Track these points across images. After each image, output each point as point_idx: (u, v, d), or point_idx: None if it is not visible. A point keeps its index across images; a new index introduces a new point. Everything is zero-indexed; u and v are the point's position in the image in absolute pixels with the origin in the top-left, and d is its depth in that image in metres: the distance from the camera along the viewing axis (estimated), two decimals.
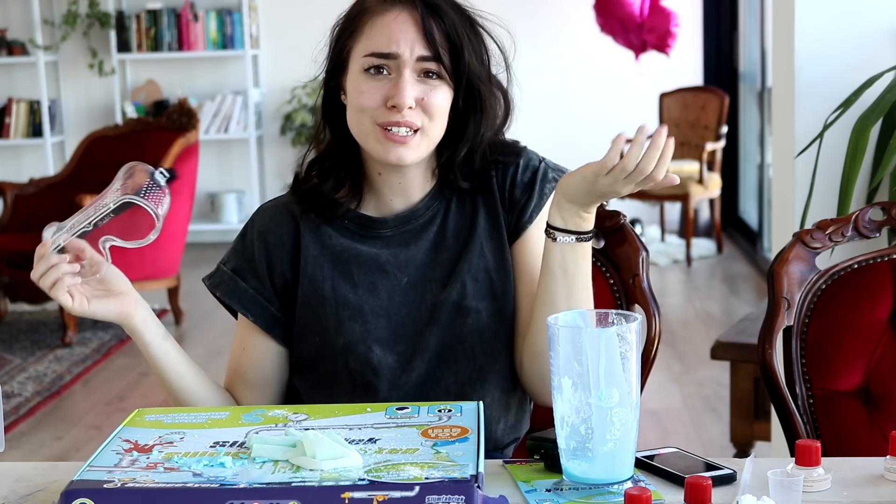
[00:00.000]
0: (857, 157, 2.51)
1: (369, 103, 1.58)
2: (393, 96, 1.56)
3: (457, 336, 1.63)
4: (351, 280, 1.65)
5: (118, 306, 1.59)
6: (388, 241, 1.67)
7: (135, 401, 4.53)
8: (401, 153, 1.59)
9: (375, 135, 1.59)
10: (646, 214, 7.74)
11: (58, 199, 5.87)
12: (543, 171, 1.68)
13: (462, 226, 1.68)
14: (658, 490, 1.35)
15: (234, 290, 1.69)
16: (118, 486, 1.24)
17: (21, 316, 6.02)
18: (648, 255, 1.84)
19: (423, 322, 1.64)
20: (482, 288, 1.64)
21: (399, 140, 1.58)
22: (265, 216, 1.71)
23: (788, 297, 1.80)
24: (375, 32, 1.58)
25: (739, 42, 7.67)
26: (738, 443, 3.36)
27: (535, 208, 1.67)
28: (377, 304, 1.64)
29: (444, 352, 1.63)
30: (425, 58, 1.57)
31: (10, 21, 7.72)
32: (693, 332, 5.40)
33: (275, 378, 1.71)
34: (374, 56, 1.58)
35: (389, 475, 1.25)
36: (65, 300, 1.53)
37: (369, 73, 1.58)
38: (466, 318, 1.63)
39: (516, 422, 1.70)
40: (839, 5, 2.76)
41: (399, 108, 1.56)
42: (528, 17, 7.57)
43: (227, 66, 7.85)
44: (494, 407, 1.65)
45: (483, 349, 1.64)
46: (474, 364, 1.64)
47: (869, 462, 1.45)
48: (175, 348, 1.66)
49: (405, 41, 1.57)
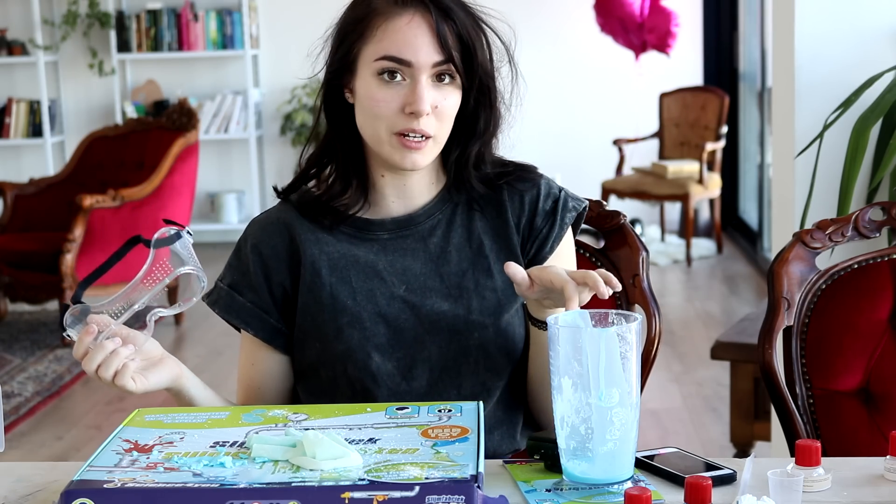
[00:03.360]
0: (857, 157, 2.51)
1: (386, 111, 1.57)
2: (411, 103, 1.56)
3: (462, 350, 1.62)
4: (349, 286, 1.64)
5: (168, 372, 1.56)
6: (384, 244, 1.66)
7: (135, 401, 4.48)
8: (416, 159, 1.59)
9: (391, 142, 1.59)
10: (646, 214, 7.74)
11: (58, 199, 5.87)
12: (564, 200, 1.68)
13: (466, 241, 1.67)
14: (658, 490, 1.35)
15: (231, 305, 1.69)
16: (118, 486, 1.24)
17: (21, 316, 6.02)
18: (648, 255, 1.85)
19: (423, 331, 1.63)
20: (489, 305, 1.64)
21: (415, 146, 1.58)
22: (257, 228, 1.70)
23: (788, 297, 1.80)
24: (388, 36, 1.56)
25: (739, 42, 7.67)
26: (738, 443, 3.36)
27: (556, 238, 1.67)
28: (375, 311, 1.63)
29: (447, 364, 1.62)
30: (440, 62, 1.56)
31: (10, 21, 7.72)
32: (693, 332, 5.40)
33: (287, 387, 1.72)
34: (389, 60, 1.56)
35: (389, 475, 1.25)
36: (130, 385, 1.49)
37: (382, 77, 1.57)
38: (473, 333, 1.62)
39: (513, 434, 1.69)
40: (839, 5, 2.76)
41: (417, 115, 1.56)
42: (529, 17, 7.57)
43: (227, 66, 7.84)
44: (496, 422, 1.65)
45: (487, 365, 1.63)
46: (478, 378, 1.63)
47: (869, 462, 1.45)
48: (212, 392, 1.66)
49: (420, 47, 1.55)
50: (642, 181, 7.01)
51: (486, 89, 1.62)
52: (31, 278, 5.53)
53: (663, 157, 7.40)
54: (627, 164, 7.38)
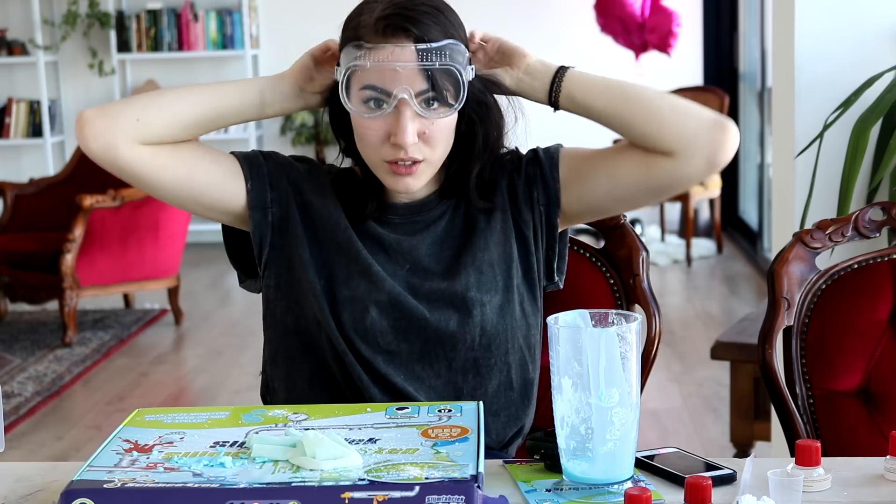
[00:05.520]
0: (857, 157, 2.51)
1: (373, 139, 1.59)
2: (395, 134, 1.57)
3: (460, 326, 1.64)
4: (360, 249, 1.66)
5: None
6: (395, 227, 1.69)
7: (135, 401, 4.53)
8: (408, 183, 1.61)
9: (383, 168, 1.62)
10: (646, 214, 7.75)
11: (58, 199, 5.87)
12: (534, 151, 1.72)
13: (467, 223, 1.69)
14: (658, 490, 1.36)
15: (251, 157, 1.68)
16: (118, 486, 1.24)
17: (21, 316, 6.02)
18: (648, 255, 1.85)
19: (423, 304, 1.64)
20: (487, 280, 1.65)
21: (405, 172, 1.60)
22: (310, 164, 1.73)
23: (788, 297, 1.80)
24: (371, 66, 1.56)
25: (739, 42, 7.67)
26: (738, 443, 3.36)
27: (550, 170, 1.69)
28: (381, 271, 1.65)
29: (442, 336, 1.64)
30: (425, 90, 1.57)
31: (10, 21, 7.72)
32: (693, 332, 5.40)
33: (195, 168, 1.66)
34: (372, 90, 1.57)
35: (389, 475, 1.25)
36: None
37: (369, 105, 1.58)
38: (472, 310, 1.64)
39: (518, 416, 1.70)
40: (839, 5, 2.76)
41: (402, 146, 1.57)
42: (528, 17, 7.57)
43: (227, 66, 7.85)
44: (489, 400, 1.65)
45: (482, 341, 1.64)
46: (469, 354, 1.65)
47: (869, 462, 1.45)
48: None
49: (403, 76, 1.55)
50: None
51: (478, 107, 1.63)
52: (31, 278, 5.53)
53: None
54: None
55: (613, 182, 1.65)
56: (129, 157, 1.61)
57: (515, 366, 1.68)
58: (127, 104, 1.63)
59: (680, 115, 1.62)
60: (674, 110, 1.62)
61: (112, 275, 5.51)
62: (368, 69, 1.56)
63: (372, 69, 1.56)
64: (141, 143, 1.60)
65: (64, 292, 5.37)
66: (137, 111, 1.61)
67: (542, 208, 1.69)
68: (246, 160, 1.68)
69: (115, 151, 1.60)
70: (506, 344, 1.66)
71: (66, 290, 5.36)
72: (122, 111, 1.61)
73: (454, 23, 1.61)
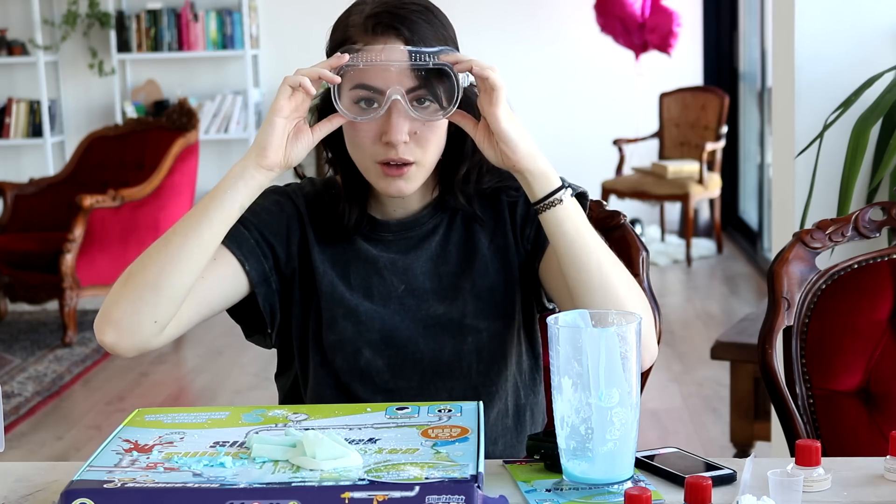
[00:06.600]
0: (857, 157, 2.51)
1: (365, 140, 1.57)
2: (386, 133, 1.54)
3: (455, 353, 1.63)
4: (347, 281, 1.65)
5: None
6: (388, 245, 1.66)
7: (135, 401, 4.53)
8: (400, 186, 1.58)
9: (375, 171, 1.58)
10: (646, 214, 7.74)
11: (58, 199, 5.87)
12: None
13: (465, 240, 1.67)
14: (658, 490, 1.36)
15: (235, 234, 1.60)
16: (118, 486, 1.24)
17: (21, 316, 6.02)
18: (648, 255, 1.85)
19: (417, 332, 1.63)
20: (485, 307, 1.64)
21: (396, 174, 1.57)
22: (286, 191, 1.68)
23: (788, 297, 1.80)
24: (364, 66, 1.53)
25: (739, 42, 7.67)
26: (738, 443, 3.37)
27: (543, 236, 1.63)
28: (371, 308, 1.63)
29: (439, 367, 1.62)
30: (416, 88, 1.54)
31: (10, 21, 7.72)
32: (693, 332, 5.40)
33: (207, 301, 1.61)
34: (363, 89, 1.54)
35: (389, 475, 1.25)
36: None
37: (360, 105, 1.55)
38: (467, 337, 1.63)
39: (513, 444, 1.69)
40: (839, 5, 2.76)
41: (393, 145, 1.55)
42: (528, 17, 7.57)
43: (227, 66, 7.84)
44: (489, 428, 1.63)
45: (480, 368, 1.63)
46: (469, 382, 1.63)
47: (869, 462, 1.45)
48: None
49: (394, 74, 1.53)
50: (642, 181, 7.01)
51: (468, 108, 1.58)
52: (31, 278, 5.53)
53: (663, 157, 7.40)
54: (627, 164, 7.38)
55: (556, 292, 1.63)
56: (164, 341, 1.56)
57: (511, 392, 1.67)
58: (135, 308, 1.51)
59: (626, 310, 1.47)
60: (623, 306, 1.51)
61: (112, 275, 5.50)
62: (358, 70, 1.53)
63: (364, 68, 1.53)
64: (164, 328, 1.54)
65: (64, 292, 5.37)
66: (150, 309, 1.51)
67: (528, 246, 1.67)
68: (235, 243, 1.60)
69: (150, 347, 1.55)
70: (505, 371, 1.65)
71: (66, 290, 5.36)
72: (136, 321, 1.51)
73: (444, 23, 1.59)
